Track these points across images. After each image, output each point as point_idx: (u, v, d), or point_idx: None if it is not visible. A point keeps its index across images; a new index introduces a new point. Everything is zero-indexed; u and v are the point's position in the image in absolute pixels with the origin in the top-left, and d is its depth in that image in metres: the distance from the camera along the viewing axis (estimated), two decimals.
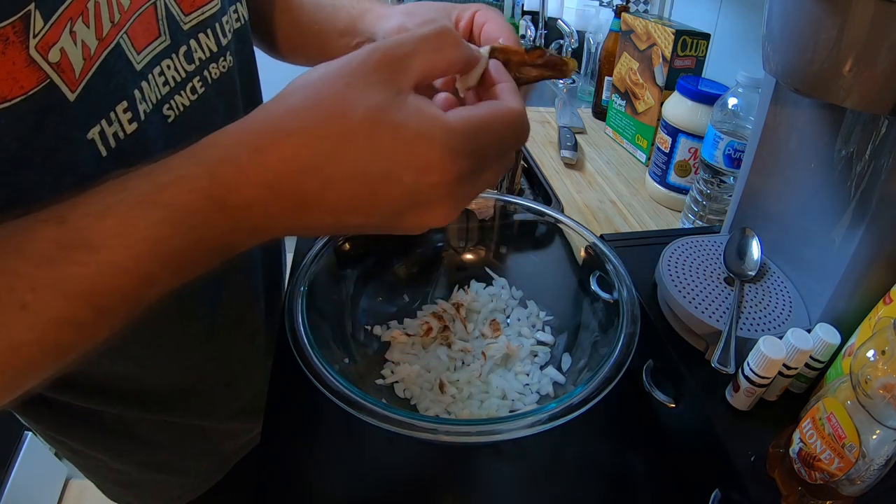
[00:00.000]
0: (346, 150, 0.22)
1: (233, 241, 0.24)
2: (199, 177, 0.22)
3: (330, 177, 0.22)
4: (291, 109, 0.22)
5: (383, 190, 0.23)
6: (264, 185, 0.22)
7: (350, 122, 0.22)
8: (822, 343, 0.38)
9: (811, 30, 0.36)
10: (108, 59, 0.27)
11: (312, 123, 0.22)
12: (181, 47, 0.33)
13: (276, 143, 0.22)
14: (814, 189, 0.47)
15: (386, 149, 0.22)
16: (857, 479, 0.31)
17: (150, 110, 0.30)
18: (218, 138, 0.23)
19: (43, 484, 1.25)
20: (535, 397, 0.48)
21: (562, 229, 0.55)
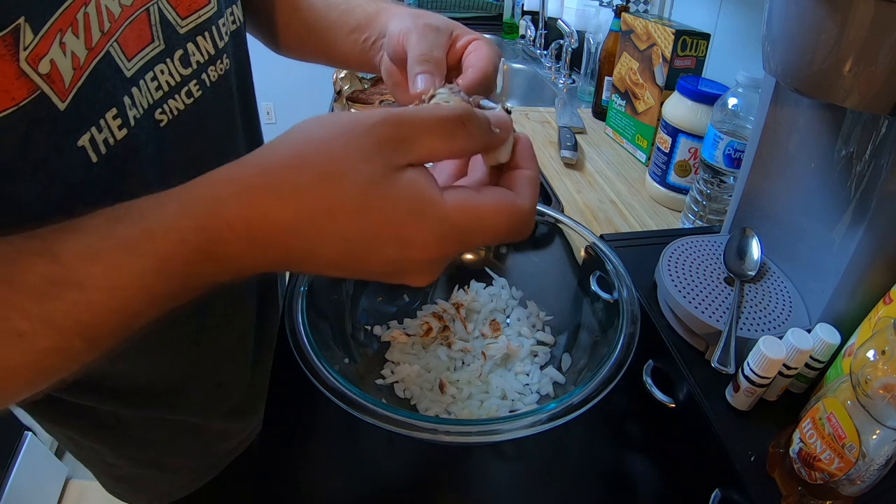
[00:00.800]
0: (333, 217, 0.22)
1: (219, 282, 0.24)
2: (188, 229, 0.22)
3: (316, 240, 0.22)
4: (286, 164, 0.22)
5: (368, 258, 0.23)
6: (252, 239, 0.22)
7: (341, 191, 0.22)
8: (822, 343, 0.38)
9: (811, 30, 0.36)
10: (97, 67, 0.27)
11: (304, 185, 0.22)
12: (177, 51, 0.33)
13: (266, 201, 0.22)
14: (814, 189, 0.46)
15: (372, 223, 0.22)
16: (857, 479, 0.31)
17: (140, 116, 0.31)
18: (209, 188, 0.23)
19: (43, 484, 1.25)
20: (535, 397, 0.48)
21: (562, 229, 0.55)
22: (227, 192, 0.22)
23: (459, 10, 1.79)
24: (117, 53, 0.29)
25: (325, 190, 0.22)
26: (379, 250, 0.23)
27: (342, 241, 0.22)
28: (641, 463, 0.45)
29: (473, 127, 0.24)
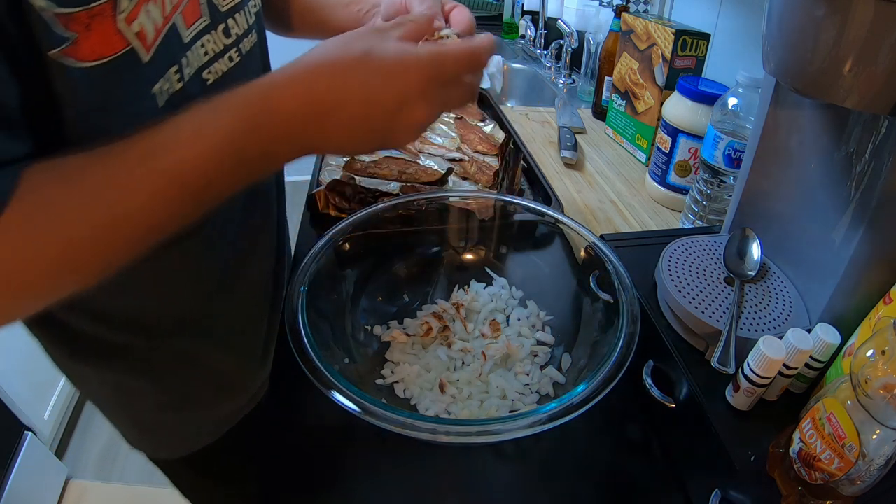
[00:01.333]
0: (351, 74, 0.32)
1: (274, 147, 0.33)
2: (256, 96, 0.32)
3: (345, 87, 0.32)
4: (314, 55, 0.33)
5: (381, 95, 0.33)
6: (300, 99, 0.32)
7: (350, 56, 0.33)
8: (822, 343, 0.38)
9: (811, 30, 0.36)
10: (168, 32, 0.35)
11: (326, 60, 0.33)
12: (220, 25, 0.41)
13: (305, 75, 0.33)
14: (814, 189, 0.47)
15: (378, 68, 0.32)
16: (857, 479, 0.31)
17: (192, 74, 0.39)
18: (266, 77, 0.33)
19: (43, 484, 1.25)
20: (535, 397, 0.48)
21: (562, 229, 0.55)
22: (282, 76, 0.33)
23: None
24: (179, 23, 0.36)
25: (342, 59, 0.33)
26: (387, 86, 0.33)
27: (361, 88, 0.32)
28: (641, 463, 0.45)
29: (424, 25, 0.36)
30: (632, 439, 0.47)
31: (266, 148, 0.32)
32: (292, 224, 0.68)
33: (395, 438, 0.36)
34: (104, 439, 1.45)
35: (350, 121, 0.33)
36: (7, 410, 1.18)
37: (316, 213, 0.67)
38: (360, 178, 0.74)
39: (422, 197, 0.58)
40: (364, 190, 0.69)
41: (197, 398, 0.53)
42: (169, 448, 0.56)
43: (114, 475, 1.35)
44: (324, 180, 0.72)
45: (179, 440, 0.56)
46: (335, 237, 0.51)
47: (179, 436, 0.55)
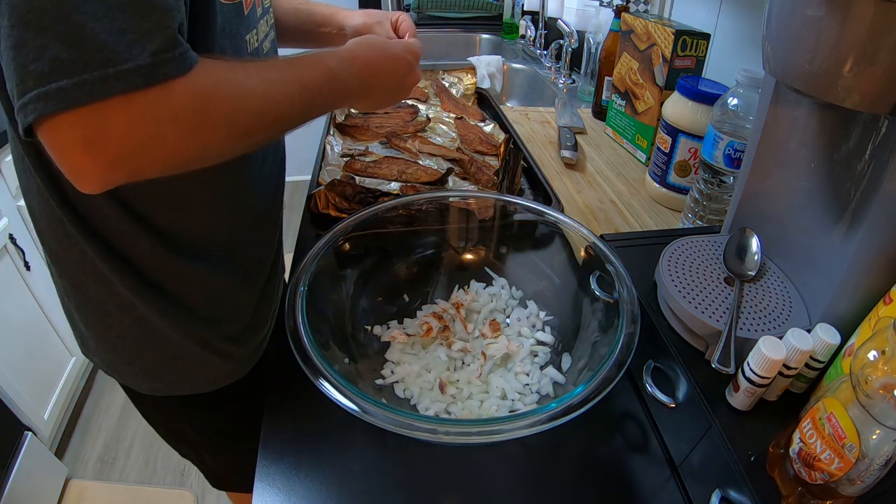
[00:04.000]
0: (386, 51, 0.55)
1: (347, 82, 0.50)
2: (347, 52, 0.52)
3: (385, 59, 0.54)
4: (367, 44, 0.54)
5: (399, 66, 0.56)
6: (364, 58, 0.52)
7: (384, 46, 0.55)
8: (822, 343, 0.38)
9: (811, 30, 0.36)
10: (252, 4, 0.51)
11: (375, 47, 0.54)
12: (265, 16, 0.56)
13: (364, 47, 0.54)
14: (814, 189, 0.47)
15: (396, 49, 0.56)
16: (857, 479, 0.31)
17: (259, 41, 0.54)
18: (349, 46, 0.53)
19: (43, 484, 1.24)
20: (535, 397, 0.48)
21: (562, 229, 0.55)
22: (353, 49, 0.53)
23: (459, 9, 1.79)
24: (255, 4, 0.52)
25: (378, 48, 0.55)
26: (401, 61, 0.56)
27: (390, 60, 0.55)
28: (641, 463, 0.45)
29: None
30: (632, 439, 0.47)
31: (346, 85, 0.50)
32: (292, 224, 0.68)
33: (395, 438, 0.36)
34: (104, 439, 1.45)
35: (387, 78, 0.55)
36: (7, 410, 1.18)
37: (316, 213, 0.67)
38: (360, 178, 0.74)
39: (422, 197, 0.59)
40: (364, 190, 0.69)
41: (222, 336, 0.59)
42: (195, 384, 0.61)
43: (114, 475, 1.35)
44: (324, 180, 0.72)
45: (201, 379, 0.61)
46: (335, 237, 0.52)
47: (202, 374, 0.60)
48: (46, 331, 1.32)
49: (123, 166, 0.35)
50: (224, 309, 0.59)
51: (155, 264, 0.51)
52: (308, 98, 0.45)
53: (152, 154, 0.36)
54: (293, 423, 0.46)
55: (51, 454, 1.28)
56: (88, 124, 0.32)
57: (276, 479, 0.42)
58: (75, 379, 1.46)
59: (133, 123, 0.34)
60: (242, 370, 0.63)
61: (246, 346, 0.63)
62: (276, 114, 0.42)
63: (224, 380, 0.62)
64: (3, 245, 1.19)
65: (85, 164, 0.34)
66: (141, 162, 0.35)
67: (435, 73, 1.10)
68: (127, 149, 0.34)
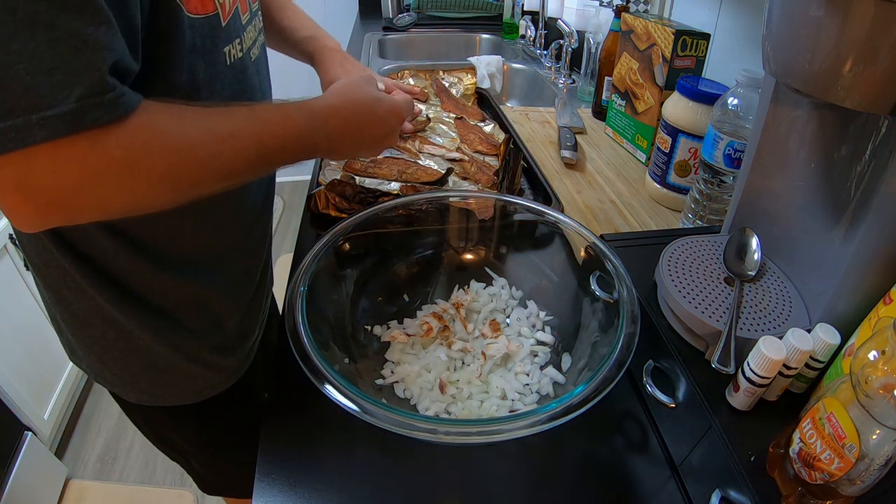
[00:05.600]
0: (372, 109, 0.54)
1: (317, 141, 0.48)
2: (325, 108, 0.50)
3: (366, 119, 0.53)
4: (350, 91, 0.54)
5: (379, 129, 0.55)
6: (342, 116, 0.51)
7: (370, 98, 0.54)
8: (822, 343, 0.38)
9: (811, 30, 0.36)
10: (234, 12, 0.48)
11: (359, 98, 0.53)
12: (253, 22, 0.54)
13: (346, 101, 0.52)
14: (814, 189, 0.47)
15: (383, 111, 0.55)
16: (857, 479, 0.31)
17: (245, 50, 0.52)
18: (327, 98, 0.51)
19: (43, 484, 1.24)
20: (535, 397, 0.48)
21: (562, 229, 0.55)
22: (332, 102, 0.51)
23: (459, 9, 1.79)
24: (238, 10, 0.49)
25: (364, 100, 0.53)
26: (386, 122, 0.55)
27: (373, 119, 0.54)
28: (641, 463, 0.45)
29: None
30: (632, 439, 0.47)
31: (313, 144, 0.48)
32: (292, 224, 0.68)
33: (395, 438, 0.36)
34: (104, 439, 1.45)
35: (363, 139, 0.53)
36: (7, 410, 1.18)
37: (316, 213, 0.67)
38: (360, 178, 0.74)
39: (422, 197, 0.59)
40: (364, 190, 0.69)
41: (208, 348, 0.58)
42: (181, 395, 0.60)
43: (114, 475, 1.35)
44: (324, 180, 0.72)
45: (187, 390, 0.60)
46: (335, 237, 0.51)
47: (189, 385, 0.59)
48: (46, 331, 1.32)
49: (56, 211, 0.34)
50: (210, 321, 0.58)
51: (137, 278, 0.50)
52: (266, 156, 0.43)
53: (84, 202, 0.34)
54: (293, 423, 0.46)
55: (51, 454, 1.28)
56: (17, 170, 0.31)
57: (276, 479, 0.42)
58: (75, 379, 1.46)
59: (59, 171, 0.32)
60: (230, 381, 0.63)
61: (233, 356, 0.62)
62: (226, 170, 0.40)
63: (211, 391, 0.61)
64: (3, 245, 1.19)
65: (18, 206, 0.33)
66: (74, 208, 0.34)
67: (435, 73, 1.10)
68: (58, 195, 0.33)
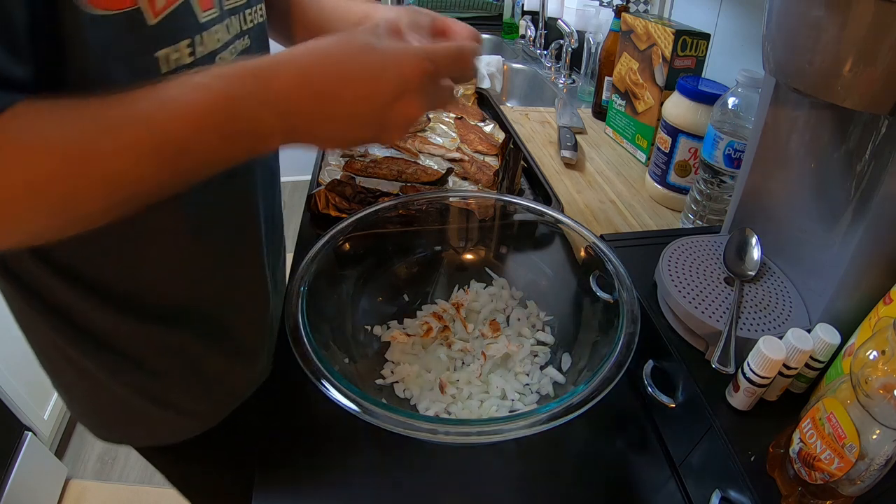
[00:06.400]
0: (352, 60, 0.33)
1: (262, 124, 0.32)
2: (252, 66, 0.32)
3: (344, 74, 0.33)
4: (315, 42, 0.34)
5: (379, 84, 0.33)
6: (297, 78, 0.32)
7: (352, 44, 0.34)
8: (822, 343, 0.38)
9: (811, 30, 0.36)
10: (180, 7, 0.37)
11: (327, 45, 0.33)
12: (224, 20, 0.43)
13: (307, 50, 0.33)
14: (814, 189, 0.47)
15: (379, 59, 0.33)
16: (857, 479, 0.31)
17: (205, 54, 0.40)
18: (265, 56, 0.33)
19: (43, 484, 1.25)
20: (535, 397, 0.48)
21: (562, 229, 0.55)
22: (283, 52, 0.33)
23: (459, 9, 1.79)
24: (195, 4, 0.39)
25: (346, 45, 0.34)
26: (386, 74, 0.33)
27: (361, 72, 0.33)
28: (641, 463, 0.45)
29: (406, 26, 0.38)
30: (632, 439, 0.47)
31: (253, 123, 0.32)
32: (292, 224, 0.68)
33: (395, 438, 0.36)
34: None
35: (344, 107, 0.33)
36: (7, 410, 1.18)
37: (316, 213, 0.67)
38: (360, 178, 0.74)
39: (422, 197, 0.58)
40: (364, 190, 0.69)
41: (173, 392, 0.51)
42: (142, 437, 0.55)
43: (114, 475, 1.35)
44: (324, 180, 0.72)
45: (152, 433, 0.54)
46: (335, 237, 0.51)
47: (154, 428, 0.53)
48: None
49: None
50: (183, 363, 0.50)
51: (86, 318, 0.44)
52: (166, 150, 0.30)
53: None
54: (292, 422, 0.46)
55: (51, 454, 1.28)
56: None
57: (276, 479, 0.42)
58: None
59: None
60: (210, 422, 0.55)
61: (210, 400, 0.54)
62: (109, 177, 0.29)
63: (188, 433, 0.54)
64: None
65: None
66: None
67: None
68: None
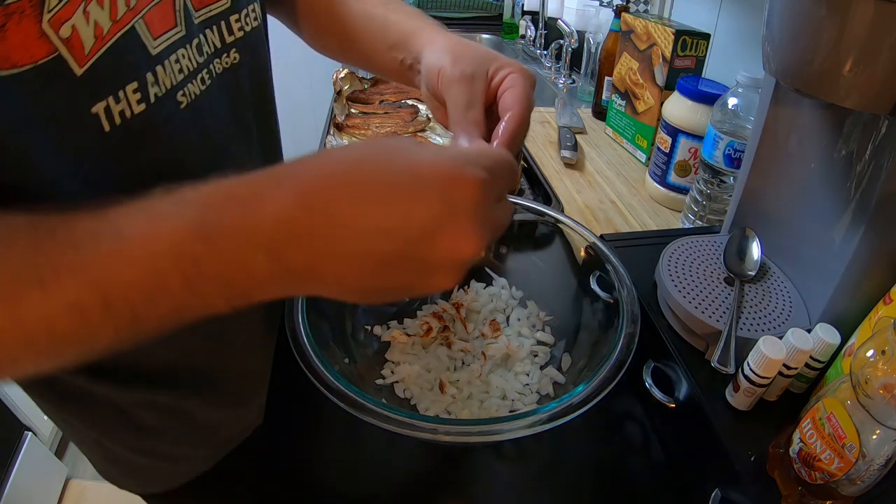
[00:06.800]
0: (376, 172, 0.23)
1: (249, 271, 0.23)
2: (235, 181, 0.23)
3: (362, 193, 0.23)
4: (332, 153, 0.25)
5: (414, 207, 0.23)
6: (298, 190, 0.23)
7: (385, 151, 0.25)
8: (822, 343, 0.38)
9: (811, 30, 0.36)
10: (120, 40, 0.29)
11: (347, 152, 0.25)
12: (194, 39, 0.35)
13: (313, 162, 0.24)
14: (814, 189, 0.46)
15: (412, 167, 0.24)
16: (857, 479, 0.31)
17: (162, 94, 0.32)
18: (265, 170, 0.24)
19: (43, 484, 1.24)
20: (535, 397, 0.48)
21: (562, 229, 0.55)
22: (282, 167, 0.24)
23: (459, 9, 1.79)
24: (143, 31, 0.30)
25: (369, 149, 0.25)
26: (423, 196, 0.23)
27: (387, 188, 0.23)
28: (641, 463, 0.45)
29: None
30: (632, 439, 0.47)
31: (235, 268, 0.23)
32: None
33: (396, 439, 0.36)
34: None
35: (362, 242, 0.23)
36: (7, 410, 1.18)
37: None
38: None
39: None
40: None
41: (169, 446, 0.49)
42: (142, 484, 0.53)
43: None
44: None
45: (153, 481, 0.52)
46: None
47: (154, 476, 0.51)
48: None
49: None
50: (175, 421, 0.47)
51: (70, 383, 0.40)
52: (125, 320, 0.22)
53: None
54: (293, 423, 0.46)
55: (51, 454, 1.28)
56: None
57: (276, 479, 0.42)
58: None
59: None
60: (204, 466, 0.52)
61: (203, 447, 0.51)
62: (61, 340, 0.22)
63: (182, 478, 0.51)
64: None
65: None
66: None
67: None
68: None
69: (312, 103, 2.10)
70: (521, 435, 0.35)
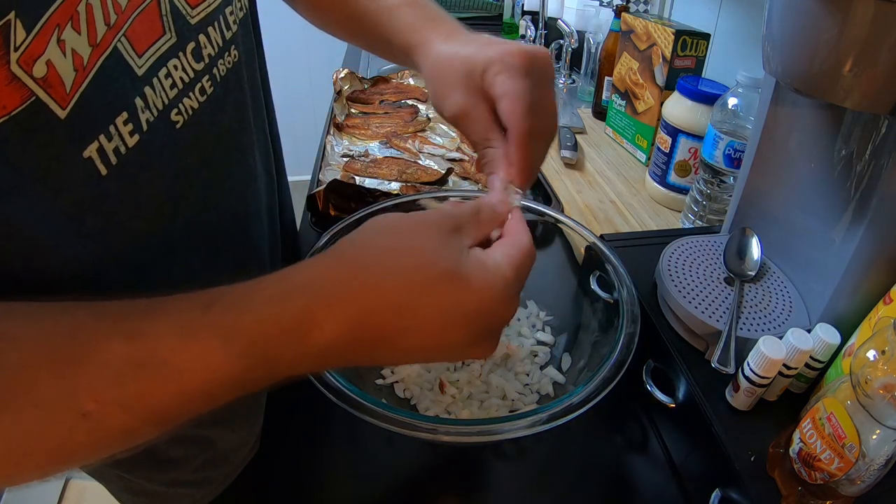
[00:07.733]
0: (429, 296, 0.25)
1: (298, 372, 0.25)
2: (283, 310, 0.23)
3: (414, 318, 0.25)
4: (377, 257, 0.26)
5: (454, 332, 0.26)
6: (351, 322, 0.24)
7: (433, 273, 0.25)
8: (822, 343, 0.38)
9: (811, 30, 0.36)
10: (104, 66, 0.25)
11: (400, 271, 0.25)
12: (189, 44, 0.31)
13: (367, 286, 0.24)
14: (814, 189, 0.46)
15: (461, 298, 0.25)
16: (857, 479, 0.31)
17: (154, 118, 0.28)
18: (305, 277, 0.25)
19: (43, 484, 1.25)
20: (535, 397, 0.48)
21: (562, 229, 0.55)
22: (330, 280, 0.24)
23: (459, 9, 1.79)
24: (126, 49, 0.26)
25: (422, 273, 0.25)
26: (465, 323, 0.26)
27: (435, 318, 0.25)
28: (641, 463, 0.45)
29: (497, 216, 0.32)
30: (632, 439, 0.47)
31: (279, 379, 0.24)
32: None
33: (395, 438, 0.36)
34: None
35: (410, 356, 0.28)
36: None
37: (316, 213, 0.67)
38: (360, 178, 0.74)
39: (422, 197, 0.58)
40: (364, 190, 0.69)
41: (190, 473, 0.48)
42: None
43: None
44: (324, 180, 0.72)
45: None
46: (335, 237, 0.51)
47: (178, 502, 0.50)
48: None
49: None
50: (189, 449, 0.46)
51: None
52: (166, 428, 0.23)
53: None
54: (292, 423, 0.46)
55: None
56: None
57: (276, 480, 0.42)
58: None
59: None
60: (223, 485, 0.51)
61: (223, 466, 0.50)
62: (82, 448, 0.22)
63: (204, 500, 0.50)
64: None
65: None
66: None
67: None
68: None
69: (312, 103, 2.10)
70: (521, 435, 0.35)
